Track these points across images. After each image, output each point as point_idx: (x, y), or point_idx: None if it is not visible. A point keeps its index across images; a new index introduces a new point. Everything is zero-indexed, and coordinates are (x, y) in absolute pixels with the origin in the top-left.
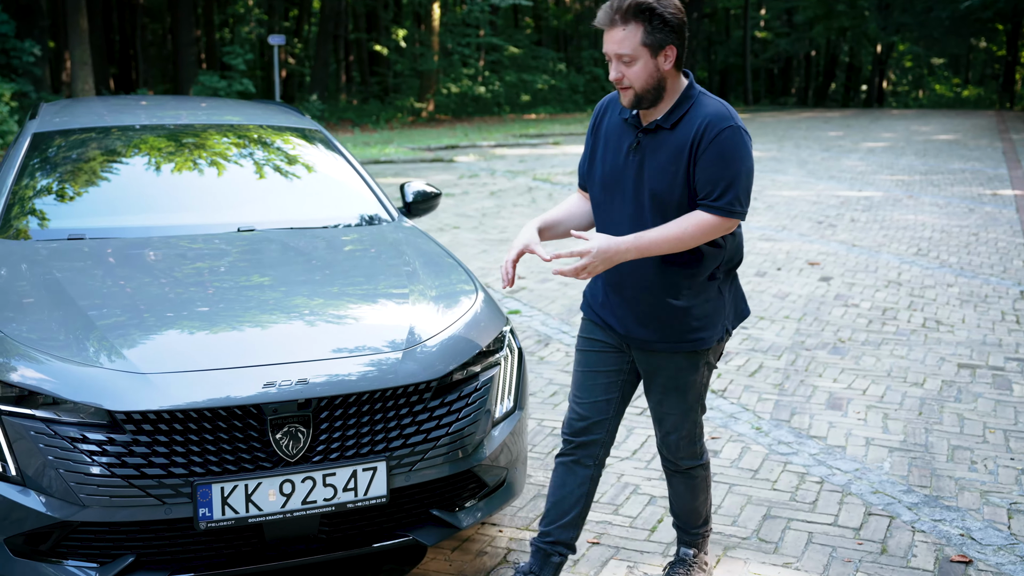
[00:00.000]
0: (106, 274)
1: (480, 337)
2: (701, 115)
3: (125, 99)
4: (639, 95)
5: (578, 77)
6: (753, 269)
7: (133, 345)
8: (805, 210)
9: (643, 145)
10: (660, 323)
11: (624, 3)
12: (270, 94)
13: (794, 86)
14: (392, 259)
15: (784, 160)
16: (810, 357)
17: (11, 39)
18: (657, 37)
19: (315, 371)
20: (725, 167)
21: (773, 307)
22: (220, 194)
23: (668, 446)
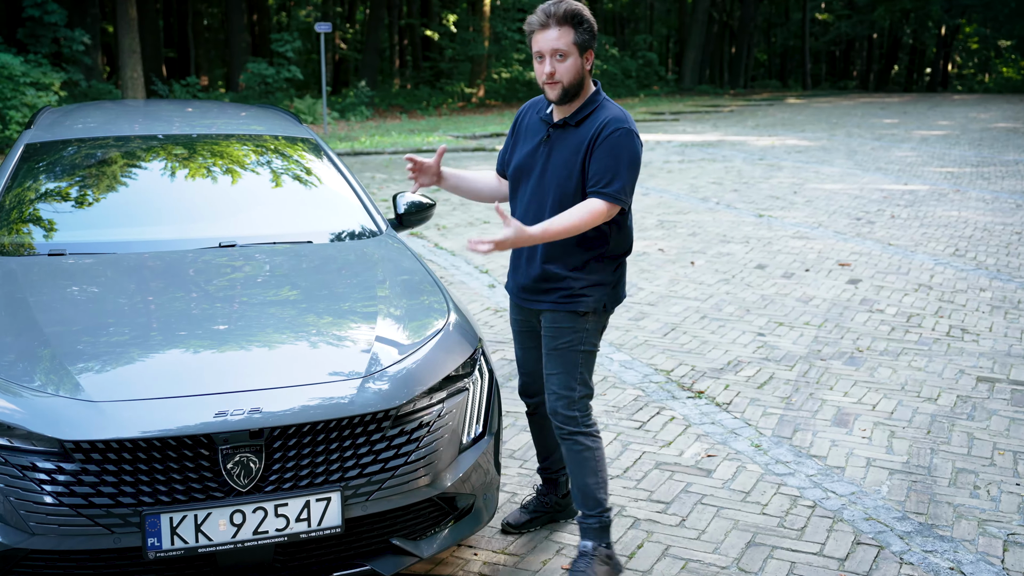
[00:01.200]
0: (76, 294)
1: (447, 362)
2: (603, 116)
3: (126, 105)
4: (566, 88)
5: (631, 61)
6: (781, 270)
7: (87, 372)
8: (845, 205)
9: (552, 139)
10: (547, 287)
11: (559, 9)
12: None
13: (855, 69)
14: (366, 278)
15: (832, 151)
16: (824, 368)
17: (61, 28)
18: (584, 39)
19: (269, 400)
20: (614, 160)
21: (794, 312)
22: (205, 207)
23: (550, 408)
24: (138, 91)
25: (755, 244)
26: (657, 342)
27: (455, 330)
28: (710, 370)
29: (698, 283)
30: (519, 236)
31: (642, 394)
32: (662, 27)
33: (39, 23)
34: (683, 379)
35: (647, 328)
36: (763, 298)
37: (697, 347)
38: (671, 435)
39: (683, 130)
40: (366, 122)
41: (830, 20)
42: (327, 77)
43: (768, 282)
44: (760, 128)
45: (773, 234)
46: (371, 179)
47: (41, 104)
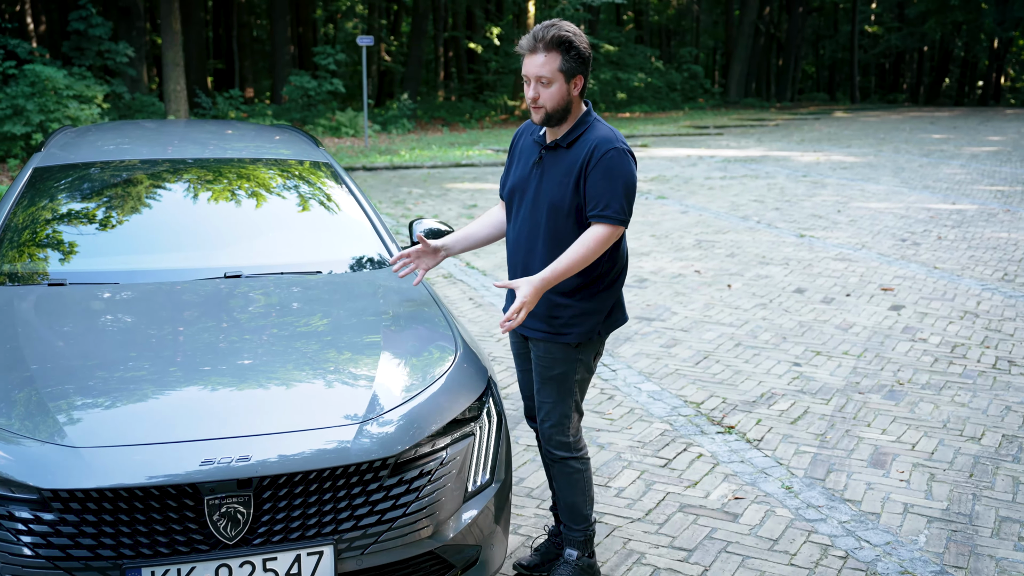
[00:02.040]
0: (70, 328)
1: (452, 404)
2: (592, 138)
3: (143, 127)
4: (549, 114)
5: (676, 74)
6: (820, 295)
7: (70, 414)
8: (890, 225)
9: (544, 160)
10: (539, 316)
11: (547, 34)
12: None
13: (905, 82)
14: (373, 312)
15: (879, 167)
16: (862, 402)
17: (106, 41)
18: (571, 66)
19: (259, 446)
20: (610, 181)
21: (833, 340)
22: (213, 236)
23: (544, 434)
24: (181, 103)
25: (795, 266)
26: (688, 371)
27: (462, 370)
28: (742, 403)
29: (734, 308)
30: (531, 289)
31: (670, 428)
32: (709, 40)
33: (84, 36)
34: (713, 412)
35: (679, 356)
36: (800, 325)
37: (730, 377)
38: (698, 474)
39: (726, 145)
40: (407, 135)
41: (880, 32)
42: (370, 90)
43: (807, 307)
44: (805, 143)
45: (814, 255)
46: (408, 194)
47: (84, 116)
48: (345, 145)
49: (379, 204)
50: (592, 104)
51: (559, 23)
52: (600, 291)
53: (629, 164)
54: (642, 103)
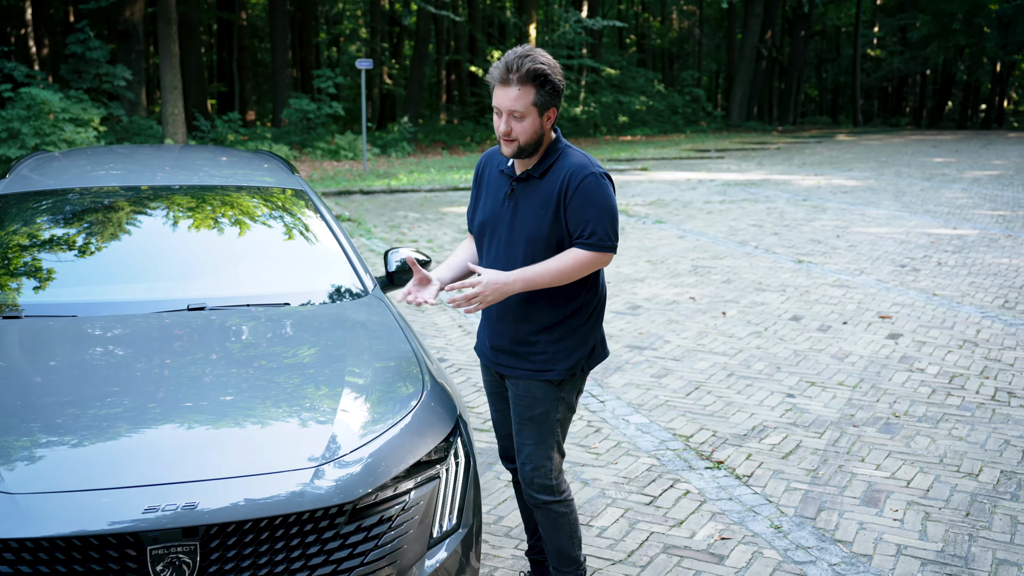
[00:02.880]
0: (19, 364)
1: (417, 446)
2: (567, 166)
3: (115, 153)
4: (522, 147)
5: (678, 97)
6: (816, 323)
7: (8, 458)
8: (890, 251)
9: (516, 192)
10: (521, 351)
11: (522, 66)
12: (361, 116)
13: (908, 105)
14: (338, 347)
15: (880, 191)
16: (856, 435)
17: (104, 64)
18: (546, 100)
19: (207, 493)
20: (591, 208)
21: (828, 371)
22: (177, 266)
23: (524, 477)
24: (179, 127)
25: (792, 293)
26: (679, 403)
27: (429, 409)
28: (732, 436)
29: (728, 336)
30: (495, 283)
31: (657, 464)
32: (712, 63)
33: (82, 59)
34: (703, 446)
35: (669, 387)
36: (796, 354)
37: (721, 409)
38: (684, 512)
39: (727, 168)
40: (407, 158)
41: (882, 56)
42: (370, 112)
43: (802, 336)
44: (807, 167)
45: (811, 282)
46: (403, 218)
47: (80, 139)
48: (344, 168)
49: (374, 228)
50: (593, 127)
51: (534, 53)
52: (581, 324)
53: (608, 188)
54: (644, 126)
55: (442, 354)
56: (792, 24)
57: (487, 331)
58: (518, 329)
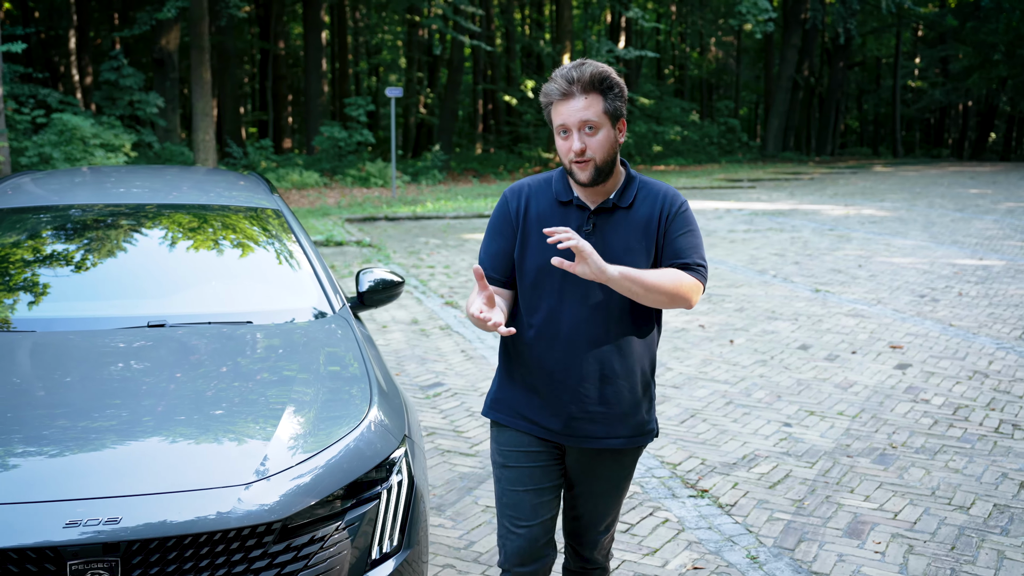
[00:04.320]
0: None
1: (355, 465)
2: (659, 192)
3: (100, 171)
4: (599, 168)
5: (712, 127)
6: (825, 352)
7: None
8: (911, 280)
9: (599, 226)
10: (618, 415)
11: (584, 72)
12: (401, 144)
13: (950, 137)
14: (291, 365)
15: (909, 222)
16: (849, 466)
17: (136, 91)
18: (616, 106)
19: (132, 508)
20: (692, 236)
21: (829, 400)
22: (141, 283)
23: (596, 545)
24: (209, 153)
25: (804, 322)
26: (671, 430)
27: (372, 428)
28: (721, 465)
29: (732, 364)
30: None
31: (639, 491)
32: (751, 94)
33: (115, 86)
34: (689, 474)
35: (665, 414)
36: (799, 383)
37: (713, 438)
38: (659, 541)
39: (757, 198)
40: (437, 186)
41: (923, 87)
42: (400, 141)
43: (808, 365)
44: (838, 197)
45: (826, 311)
46: (424, 244)
47: (111, 164)
48: (373, 195)
49: (393, 254)
50: (628, 157)
51: (589, 60)
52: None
53: (694, 216)
54: (678, 156)
55: (440, 379)
56: (831, 55)
57: (554, 400)
58: (617, 385)
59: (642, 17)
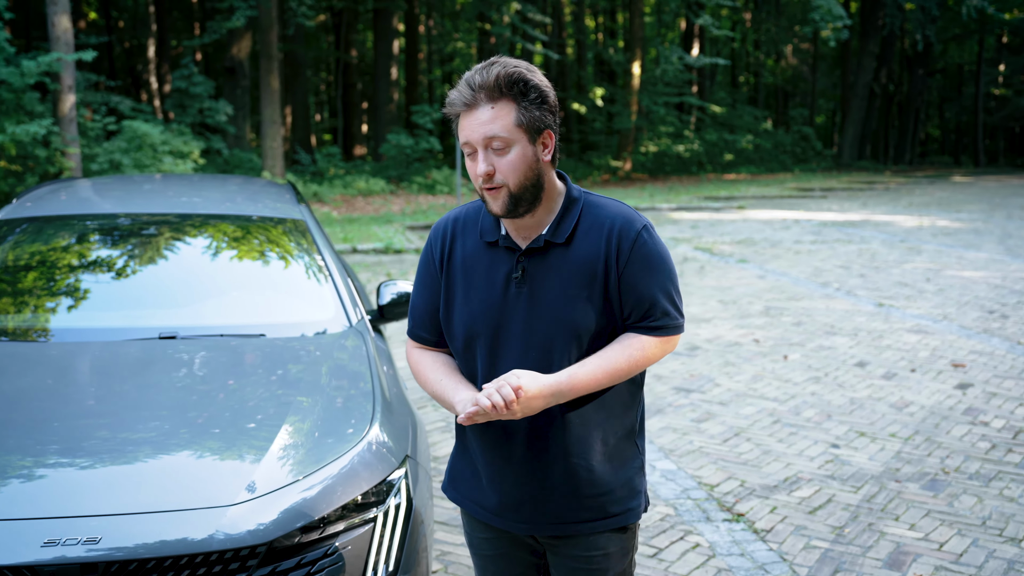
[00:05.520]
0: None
1: (348, 487)
2: (605, 220)
3: (129, 180)
4: (515, 195)
5: (785, 136)
6: (882, 369)
7: None
8: (981, 295)
9: (530, 272)
10: (575, 497)
11: (489, 76)
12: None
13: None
14: (296, 381)
15: (985, 234)
16: (896, 491)
17: (206, 99)
18: (534, 116)
19: (113, 528)
20: (654, 277)
21: (882, 421)
22: (157, 294)
23: None
24: (276, 160)
25: (863, 337)
26: (713, 450)
27: (370, 448)
28: (761, 487)
29: (784, 380)
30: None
31: (672, 513)
32: (827, 102)
33: (185, 94)
34: (726, 497)
35: (707, 432)
36: (851, 402)
37: (756, 458)
38: (687, 567)
39: (828, 208)
40: None
41: (1008, 95)
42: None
43: (863, 383)
44: (912, 207)
45: (888, 326)
46: None
47: (179, 171)
48: (438, 203)
49: None
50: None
51: (502, 59)
52: (639, 433)
53: (664, 246)
54: (750, 164)
55: None
56: (911, 62)
57: (498, 480)
58: (570, 463)
59: (712, 24)
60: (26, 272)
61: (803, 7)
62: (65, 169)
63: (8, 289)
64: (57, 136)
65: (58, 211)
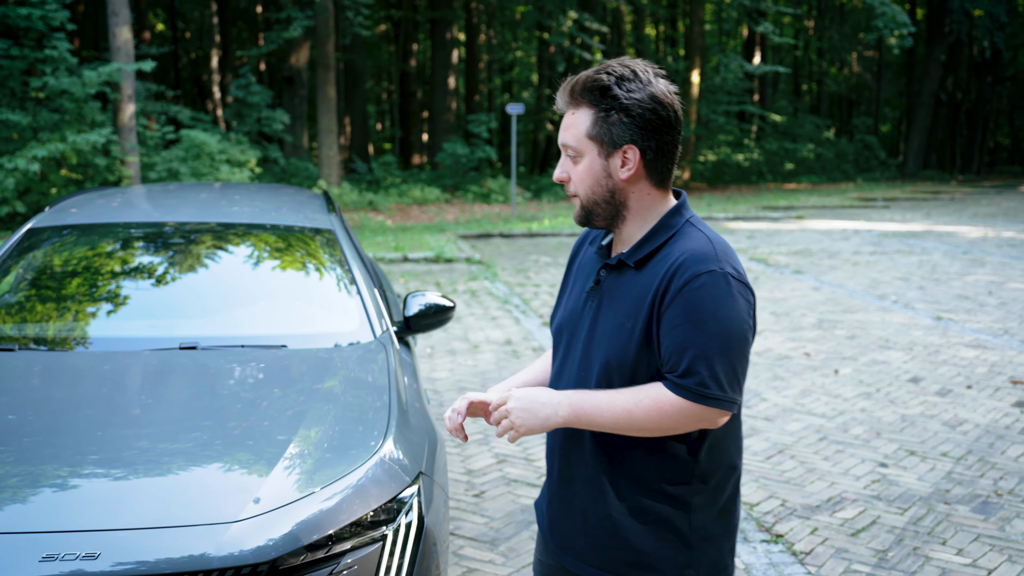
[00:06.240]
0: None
1: (356, 504)
2: (677, 252)
3: (159, 189)
4: (585, 208)
5: (847, 145)
6: (937, 385)
7: None
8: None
9: (603, 287)
10: (594, 541)
11: (577, 81)
12: (528, 160)
13: None
14: (311, 395)
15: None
16: (945, 514)
17: (264, 108)
18: (610, 130)
19: (113, 544)
20: (695, 329)
21: (935, 439)
22: (181, 304)
23: None
24: (332, 168)
25: (919, 352)
26: (755, 467)
27: (381, 465)
28: (803, 507)
29: (833, 396)
30: (526, 404)
31: None
32: (893, 110)
33: (243, 103)
34: (766, 517)
35: (751, 448)
36: (903, 419)
37: (799, 476)
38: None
39: (889, 218)
40: (559, 203)
41: None
42: (536, 158)
43: (916, 399)
44: (977, 218)
45: (945, 341)
46: (535, 262)
47: (235, 180)
48: (493, 212)
49: (501, 271)
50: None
51: (613, 64)
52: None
53: (733, 300)
54: (811, 174)
55: None
56: (979, 69)
57: (556, 499)
58: (588, 501)
59: (772, 32)
60: (50, 281)
61: (867, 14)
62: (124, 177)
63: (31, 297)
64: (116, 145)
65: (87, 220)
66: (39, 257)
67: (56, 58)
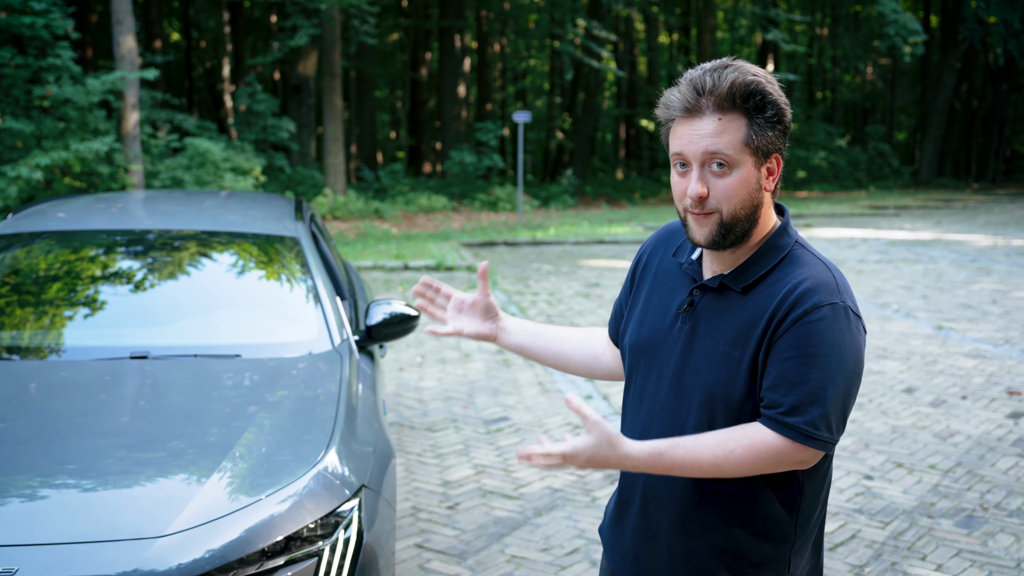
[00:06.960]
0: None
1: (296, 517)
2: (794, 278)
3: (120, 197)
4: (726, 224)
5: (860, 153)
6: (931, 396)
7: None
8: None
9: (698, 308)
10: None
11: (723, 81)
12: (539, 169)
13: None
14: (255, 406)
15: None
16: (927, 528)
17: (270, 117)
18: (766, 137)
19: (31, 559)
20: (810, 364)
21: (924, 451)
22: (132, 313)
23: None
24: (339, 176)
25: (916, 362)
26: None
27: (320, 478)
28: None
29: None
30: (607, 453)
31: None
32: (908, 118)
33: (249, 112)
34: None
35: None
36: (893, 430)
37: None
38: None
39: (899, 226)
40: (567, 211)
41: None
42: (543, 166)
43: (909, 410)
44: (989, 226)
45: (944, 350)
46: (536, 270)
47: (240, 188)
48: (499, 220)
49: (501, 279)
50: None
51: (736, 63)
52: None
53: (852, 338)
54: (823, 182)
55: (507, 412)
56: (995, 77)
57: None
58: (686, 540)
59: (784, 40)
60: (8, 290)
61: (881, 22)
62: (128, 185)
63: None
64: (120, 153)
65: (45, 227)
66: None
67: (60, 67)
